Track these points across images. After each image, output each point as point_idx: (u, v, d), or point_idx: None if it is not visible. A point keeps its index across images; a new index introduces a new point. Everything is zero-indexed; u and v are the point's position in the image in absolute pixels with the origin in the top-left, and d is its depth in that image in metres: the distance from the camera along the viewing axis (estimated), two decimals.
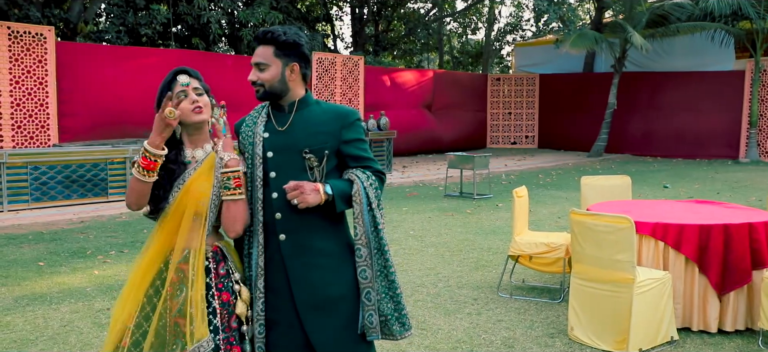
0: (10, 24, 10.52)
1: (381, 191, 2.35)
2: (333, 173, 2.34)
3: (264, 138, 2.32)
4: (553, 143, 21.00)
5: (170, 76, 2.30)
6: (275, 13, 16.56)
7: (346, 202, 2.28)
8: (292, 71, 2.32)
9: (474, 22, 29.90)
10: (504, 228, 7.81)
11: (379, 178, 2.36)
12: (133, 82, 12.18)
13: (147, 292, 2.23)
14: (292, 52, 2.31)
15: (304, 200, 2.19)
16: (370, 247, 2.28)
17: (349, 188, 2.29)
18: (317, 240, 2.29)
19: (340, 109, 2.38)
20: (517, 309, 4.69)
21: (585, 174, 14.03)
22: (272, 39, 2.29)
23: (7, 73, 10.34)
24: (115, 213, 8.66)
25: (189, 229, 2.23)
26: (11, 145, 10.36)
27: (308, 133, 2.30)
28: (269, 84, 2.30)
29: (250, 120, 2.41)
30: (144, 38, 16.29)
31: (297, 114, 2.35)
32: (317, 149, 2.28)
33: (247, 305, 2.28)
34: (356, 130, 2.35)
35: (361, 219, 2.26)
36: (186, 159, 2.32)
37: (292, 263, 2.27)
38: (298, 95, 2.36)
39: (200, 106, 2.28)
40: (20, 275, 5.47)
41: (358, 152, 2.34)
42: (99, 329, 4.17)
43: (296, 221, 2.27)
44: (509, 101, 21.69)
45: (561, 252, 4.81)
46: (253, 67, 2.32)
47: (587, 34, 17.69)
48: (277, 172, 2.29)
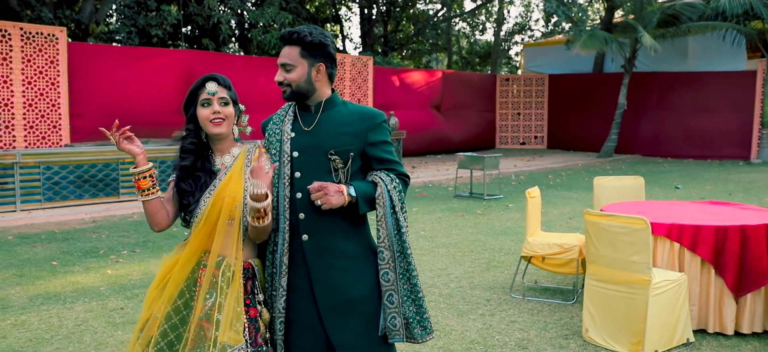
0: (23, 25, 10.59)
1: (405, 194, 2.33)
2: (357, 175, 2.33)
3: (291, 137, 2.32)
4: (563, 144, 20.92)
5: (200, 82, 2.31)
6: (285, 13, 16.58)
7: (369, 204, 2.27)
8: (319, 71, 2.31)
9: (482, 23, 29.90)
10: (515, 229, 7.79)
11: (403, 181, 2.34)
12: (143, 82, 12.24)
13: (179, 287, 2.25)
14: (318, 53, 2.30)
15: (328, 201, 2.17)
16: (393, 250, 2.27)
17: (373, 190, 2.28)
18: (339, 242, 2.28)
19: (366, 110, 2.37)
20: (530, 310, 4.67)
21: (595, 175, 13.98)
22: (298, 39, 2.28)
23: (19, 74, 10.41)
24: (127, 213, 8.69)
25: (224, 234, 2.23)
26: (24, 145, 10.43)
27: (334, 134, 2.29)
28: (296, 84, 2.30)
29: (277, 118, 2.40)
30: (154, 39, 16.36)
31: (323, 114, 2.34)
32: (343, 151, 2.27)
33: (266, 326, 2.29)
34: (382, 132, 2.34)
35: (385, 222, 2.25)
36: (215, 167, 2.33)
37: (314, 263, 2.27)
38: (325, 95, 2.36)
39: (221, 119, 2.27)
40: (34, 275, 5.50)
41: (383, 155, 2.33)
42: (113, 329, 4.19)
43: (319, 221, 2.26)
44: (518, 101, 21.63)
45: (574, 253, 4.78)
46: (279, 67, 2.31)
47: (598, 34, 17.61)
48: (302, 173, 2.28)
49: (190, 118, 2.33)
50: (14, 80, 10.36)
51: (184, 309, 2.22)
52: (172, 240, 6.91)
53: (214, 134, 2.28)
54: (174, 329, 2.20)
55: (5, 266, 5.77)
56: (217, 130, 2.27)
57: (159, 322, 2.21)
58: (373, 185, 2.28)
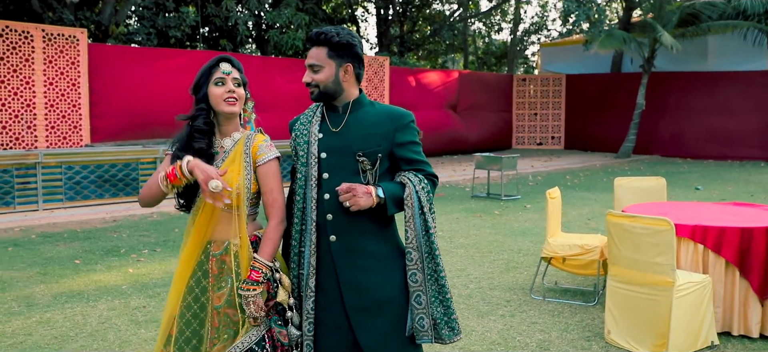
0: (45, 27, 10.73)
1: (433, 194, 2.32)
2: (385, 175, 2.32)
3: (318, 139, 2.32)
4: (580, 144, 20.78)
5: (213, 62, 2.31)
6: (301, 14, 16.64)
7: (397, 205, 2.26)
8: (346, 72, 2.31)
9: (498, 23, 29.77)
10: (533, 230, 7.75)
11: (431, 181, 2.33)
12: (162, 83, 12.35)
13: (188, 283, 2.27)
14: (345, 53, 2.30)
15: (357, 202, 2.17)
16: (421, 250, 2.26)
17: (401, 191, 2.27)
18: (367, 243, 2.28)
19: (394, 111, 2.36)
20: (550, 311, 4.64)
21: (613, 175, 13.86)
22: (326, 40, 2.28)
23: (41, 75, 10.55)
24: (147, 213, 8.77)
25: (225, 220, 2.24)
26: (45, 145, 10.57)
27: (362, 135, 2.29)
28: (323, 85, 2.30)
29: (304, 118, 2.40)
30: (173, 40, 16.50)
31: (351, 115, 2.34)
32: (371, 152, 2.27)
33: (288, 292, 2.28)
34: (410, 132, 2.33)
35: (413, 223, 2.24)
36: (214, 149, 2.32)
37: (342, 264, 2.27)
38: (352, 96, 2.36)
39: (234, 98, 2.28)
40: (58, 273, 5.57)
41: (411, 155, 2.32)
42: (136, 327, 4.23)
43: (347, 223, 2.26)
44: (535, 102, 21.52)
45: (595, 254, 4.74)
46: (306, 68, 2.32)
47: (616, 34, 17.46)
48: (330, 174, 2.28)
49: (202, 97, 2.32)
50: (36, 81, 10.50)
51: (195, 304, 2.24)
52: None
53: (227, 112, 2.28)
54: (189, 326, 2.24)
55: (30, 265, 5.85)
56: (230, 109, 2.27)
57: (176, 320, 2.25)
58: (401, 186, 2.28)
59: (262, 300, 2.17)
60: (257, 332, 2.19)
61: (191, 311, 2.24)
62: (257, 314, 2.16)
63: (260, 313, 2.17)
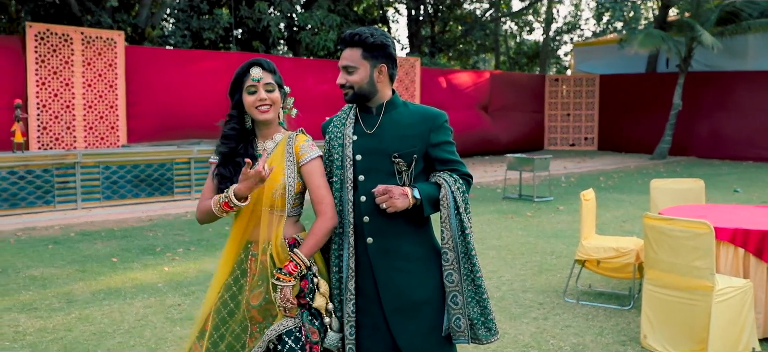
0: (84, 29, 11.00)
1: (468, 194, 2.32)
2: (420, 176, 2.32)
3: (353, 140, 2.33)
4: (614, 145, 20.43)
5: (244, 68, 2.32)
6: (333, 15, 16.73)
7: (433, 206, 2.26)
8: (380, 73, 2.31)
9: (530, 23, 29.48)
10: (566, 231, 7.65)
11: (466, 181, 2.33)
12: (196, 84, 12.54)
13: (226, 280, 2.29)
14: (379, 53, 2.30)
15: (393, 204, 2.17)
16: (457, 251, 2.26)
17: (437, 191, 2.26)
18: (404, 244, 2.28)
19: (428, 111, 2.35)
20: (585, 315, 4.57)
21: (648, 177, 13.61)
22: (360, 41, 2.28)
23: (80, 77, 10.81)
24: (181, 212, 8.92)
25: (268, 222, 2.25)
26: (83, 145, 10.82)
27: (397, 136, 2.29)
28: (358, 86, 2.30)
29: (337, 120, 2.41)
30: (207, 42, 16.75)
31: (385, 116, 2.34)
32: (406, 153, 2.26)
33: (326, 298, 2.28)
34: (444, 132, 2.33)
35: (449, 223, 2.24)
36: (257, 152, 2.34)
37: (379, 266, 2.28)
38: (386, 97, 2.36)
39: (267, 105, 2.27)
40: (96, 271, 5.70)
41: (445, 155, 2.31)
42: (171, 324, 4.30)
43: (383, 224, 2.27)
44: (568, 102, 21.23)
45: (631, 257, 4.66)
46: (340, 70, 2.32)
47: (654, 33, 17.12)
48: (365, 176, 2.29)
49: (235, 104, 2.33)
50: (75, 83, 10.76)
51: (231, 301, 2.26)
52: (224, 239, 7.04)
53: (260, 120, 2.29)
54: (224, 322, 2.25)
55: (69, 262, 6.00)
56: (263, 117, 2.28)
57: (211, 315, 2.27)
58: (437, 187, 2.27)
59: (291, 293, 2.18)
60: (290, 322, 2.20)
61: (227, 308, 2.27)
62: (284, 305, 2.17)
63: (287, 304, 2.17)
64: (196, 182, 10.12)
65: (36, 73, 10.35)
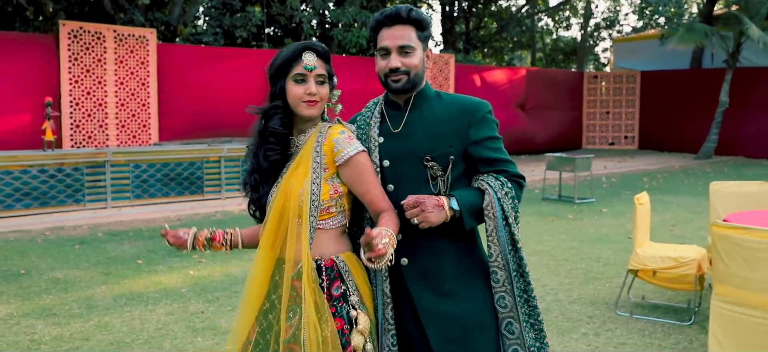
0: (116, 27, 10.93)
1: (519, 199, 1.95)
2: (460, 180, 1.95)
3: (379, 143, 1.96)
4: (655, 144, 19.71)
5: (295, 52, 1.89)
6: (366, 12, 16.45)
7: (476, 217, 1.89)
8: (427, 58, 1.98)
9: (567, 18, 28.79)
10: (612, 236, 7.21)
11: (516, 183, 1.95)
12: (227, 82, 12.40)
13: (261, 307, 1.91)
14: (428, 35, 1.97)
15: (426, 218, 1.80)
16: (508, 269, 1.89)
17: (480, 199, 1.89)
18: (445, 263, 1.92)
19: (466, 101, 1.97)
20: (640, 330, 4.17)
21: (694, 177, 12.99)
22: (414, 19, 1.92)
23: (113, 75, 10.74)
24: (210, 211, 8.74)
25: (296, 236, 1.86)
26: (116, 143, 10.76)
27: (428, 134, 1.92)
28: (415, 71, 1.92)
29: (361, 119, 2.03)
30: (239, 40, 16.65)
31: (414, 111, 1.96)
32: (441, 155, 1.90)
33: (365, 337, 1.86)
34: (487, 126, 1.94)
35: (496, 237, 1.87)
36: (290, 149, 1.97)
37: (418, 291, 1.92)
38: (423, 86, 2.00)
39: (315, 101, 1.89)
40: (120, 273, 5.50)
41: (489, 154, 1.93)
42: (192, 334, 4.05)
43: (419, 242, 1.91)
44: (607, 100, 20.56)
45: (692, 268, 4.25)
46: (393, 51, 1.91)
47: (697, 27, 16.39)
48: (395, 185, 1.93)
49: (278, 91, 1.92)
50: (108, 81, 10.70)
51: (268, 333, 1.88)
52: None
53: (305, 115, 1.91)
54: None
55: (94, 264, 5.83)
56: (309, 112, 1.90)
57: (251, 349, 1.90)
58: (480, 193, 1.90)
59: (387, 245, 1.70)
60: None
61: (265, 338, 1.88)
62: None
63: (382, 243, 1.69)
64: (226, 181, 9.95)
65: (69, 71, 10.31)
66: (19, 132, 9.95)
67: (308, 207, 1.85)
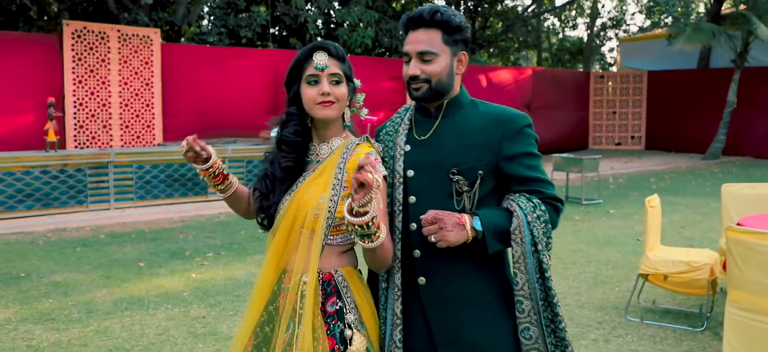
0: (120, 27, 10.88)
1: (554, 225, 1.77)
2: (489, 198, 1.79)
3: (405, 151, 1.82)
4: (662, 145, 19.55)
5: (305, 53, 1.82)
6: (371, 12, 16.36)
7: (501, 240, 1.73)
8: (460, 62, 1.82)
9: (573, 18, 28.63)
10: (620, 238, 7.10)
11: (552, 207, 1.78)
12: (231, 82, 12.34)
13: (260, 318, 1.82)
14: (461, 38, 1.80)
15: (444, 237, 1.66)
16: (535, 298, 1.73)
17: (507, 221, 1.73)
18: (466, 286, 1.77)
19: (502, 112, 1.81)
20: (651, 337, 4.07)
21: (702, 178, 12.85)
22: (442, 21, 1.76)
23: (117, 75, 10.69)
24: (214, 213, 8.67)
25: (306, 248, 1.75)
26: (120, 144, 10.70)
27: (458, 145, 1.77)
28: (437, 79, 1.78)
29: (390, 126, 1.90)
30: (244, 40, 16.58)
31: (446, 119, 1.82)
32: (468, 169, 1.75)
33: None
34: (523, 141, 1.79)
35: (523, 264, 1.71)
36: (309, 157, 1.87)
37: (435, 315, 1.77)
38: (455, 93, 1.84)
39: (331, 101, 1.78)
40: (121, 277, 5.43)
41: (523, 171, 1.77)
42: (193, 340, 3.97)
43: (439, 261, 1.76)
44: (614, 100, 20.42)
45: (704, 272, 4.14)
46: (413, 57, 1.78)
47: (704, 27, 16.23)
48: (417, 197, 1.78)
49: (293, 97, 1.85)
50: (111, 81, 10.65)
51: (265, 347, 1.79)
52: (256, 243, 6.75)
53: (321, 118, 1.81)
54: None
55: (95, 267, 5.76)
56: (324, 114, 1.79)
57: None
58: (508, 215, 1.74)
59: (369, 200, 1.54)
60: None
61: None
62: None
63: None
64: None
65: (73, 72, 10.26)
66: (22, 133, 9.90)
67: (323, 222, 1.75)
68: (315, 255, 1.74)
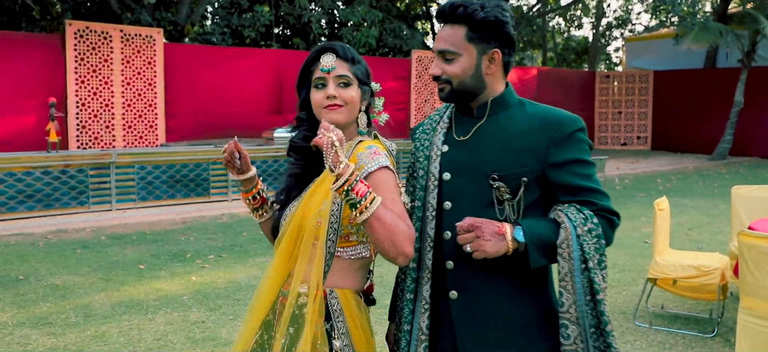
0: (123, 27, 10.82)
1: (609, 242, 1.59)
2: (534, 209, 1.62)
3: (442, 152, 1.68)
4: (669, 145, 19.41)
5: (312, 56, 1.74)
6: (375, 11, 16.29)
7: (546, 254, 1.56)
8: (492, 61, 1.65)
9: (578, 18, 28.48)
10: (626, 240, 6.99)
11: (606, 220, 1.59)
12: (234, 82, 12.28)
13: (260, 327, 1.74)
14: (492, 34, 1.62)
15: (481, 247, 1.50)
16: (584, 324, 1.54)
17: (553, 234, 1.56)
18: (503, 306, 1.61)
19: (551, 114, 1.63)
20: (660, 343, 3.98)
21: (709, 179, 12.72)
22: (465, 15, 1.60)
23: (119, 75, 10.63)
24: (216, 214, 8.60)
25: (308, 257, 1.66)
26: (122, 144, 10.65)
27: (500, 149, 1.61)
28: (458, 81, 1.63)
29: (428, 124, 1.77)
30: (247, 40, 16.52)
31: (489, 119, 1.66)
32: (511, 175, 1.59)
33: None
34: (575, 146, 1.60)
35: (571, 283, 1.54)
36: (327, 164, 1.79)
37: (465, 334, 1.61)
38: (496, 93, 1.68)
39: (337, 104, 1.68)
40: (120, 279, 5.36)
41: (573, 180, 1.59)
42: (191, 345, 3.89)
43: (473, 274, 1.61)
44: (619, 100, 20.29)
45: (715, 277, 4.04)
46: (436, 56, 1.67)
47: (711, 26, 16.09)
48: (452, 203, 1.63)
49: (302, 102, 1.77)
50: (114, 81, 10.59)
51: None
52: (258, 245, 6.68)
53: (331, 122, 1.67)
54: None
55: (95, 269, 5.69)
56: (330, 117, 1.68)
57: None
58: (556, 227, 1.57)
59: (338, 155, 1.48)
60: None
61: None
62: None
63: None
64: (233, 183, 9.80)
65: (75, 72, 10.21)
66: (24, 133, 9.85)
67: (326, 229, 1.65)
68: (318, 264, 1.65)
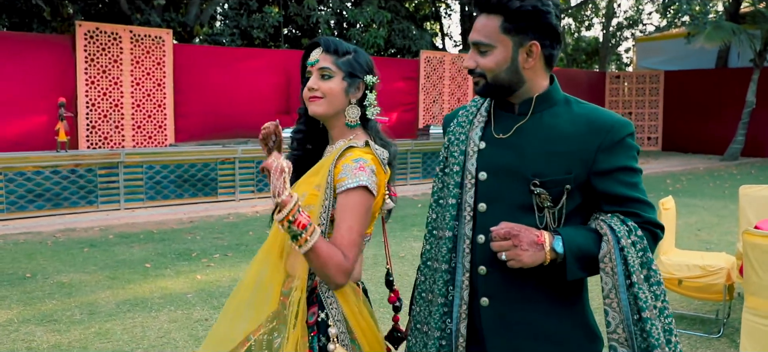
0: (132, 28, 10.89)
1: (652, 253, 1.48)
2: (574, 217, 1.51)
3: (479, 149, 1.56)
4: (680, 146, 19.28)
5: (305, 51, 1.78)
6: (383, 12, 16.29)
7: (585, 267, 1.46)
8: (530, 54, 1.51)
9: (589, 18, 28.35)
10: None
11: (650, 233, 1.48)
12: (243, 82, 12.32)
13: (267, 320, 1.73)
14: (530, 25, 1.49)
15: (518, 257, 1.42)
16: (634, 346, 1.42)
17: (595, 246, 1.45)
18: (535, 317, 1.50)
19: (601, 117, 1.49)
20: None
21: (720, 179, 12.61)
22: (501, 5, 1.48)
23: (129, 75, 10.70)
24: (223, 213, 8.63)
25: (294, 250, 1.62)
26: (131, 144, 10.71)
27: (543, 151, 1.49)
28: (492, 74, 1.52)
29: (464, 116, 1.64)
30: (256, 41, 16.58)
31: (533, 118, 1.53)
32: (553, 180, 1.47)
33: None
34: (624, 153, 1.48)
35: (617, 301, 1.43)
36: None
37: (495, 342, 1.52)
38: (539, 89, 1.55)
39: (315, 96, 1.69)
40: (126, 278, 5.39)
41: (620, 189, 1.47)
42: (195, 343, 3.91)
43: (507, 282, 1.50)
44: (630, 101, 20.17)
45: (721, 277, 4.01)
46: (471, 48, 1.56)
47: (724, 26, 15.96)
48: (488, 205, 1.52)
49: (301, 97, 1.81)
50: (124, 81, 10.66)
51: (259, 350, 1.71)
52: None
53: (315, 116, 1.73)
54: None
55: (101, 267, 5.73)
56: (311, 109, 1.70)
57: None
58: (597, 238, 1.46)
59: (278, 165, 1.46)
60: None
61: None
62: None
63: None
64: (240, 182, 9.85)
65: (85, 72, 10.28)
66: (35, 133, 9.94)
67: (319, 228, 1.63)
68: (303, 260, 1.63)
